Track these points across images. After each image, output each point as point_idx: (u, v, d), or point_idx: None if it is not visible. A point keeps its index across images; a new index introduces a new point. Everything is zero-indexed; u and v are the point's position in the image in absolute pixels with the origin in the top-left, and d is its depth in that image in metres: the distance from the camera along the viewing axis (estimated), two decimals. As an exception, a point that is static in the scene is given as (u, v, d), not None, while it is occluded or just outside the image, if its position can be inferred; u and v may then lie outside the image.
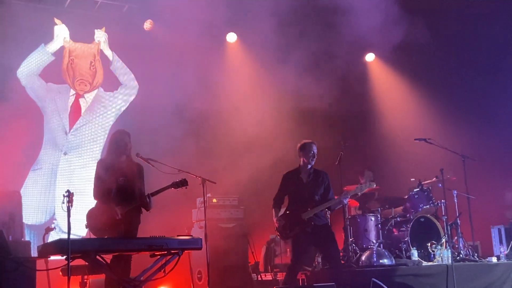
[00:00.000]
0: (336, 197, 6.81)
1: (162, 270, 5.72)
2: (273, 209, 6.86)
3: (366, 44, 10.85)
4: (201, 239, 5.99)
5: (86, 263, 5.62)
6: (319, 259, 7.92)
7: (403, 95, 11.68)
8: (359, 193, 7.58)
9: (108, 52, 9.96)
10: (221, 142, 9.27)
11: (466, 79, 11.09)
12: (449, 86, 11.25)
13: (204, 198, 7.05)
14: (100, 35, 9.91)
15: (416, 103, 11.42)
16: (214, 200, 8.53)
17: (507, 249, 8.73)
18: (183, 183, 6.26)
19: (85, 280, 6.12)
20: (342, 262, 7.76)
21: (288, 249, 8.65)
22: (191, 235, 6.39)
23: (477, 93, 10.94)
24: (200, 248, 5.94)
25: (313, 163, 6.81)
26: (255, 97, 9.96)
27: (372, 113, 11.81)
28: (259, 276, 8.60)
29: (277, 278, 8.11)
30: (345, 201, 6.90)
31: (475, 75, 10.90)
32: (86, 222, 6.12)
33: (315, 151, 6.80)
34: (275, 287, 6.07)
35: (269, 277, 8.56)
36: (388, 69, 11.74)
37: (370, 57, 11.79)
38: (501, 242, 8.93)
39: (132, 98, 10.06)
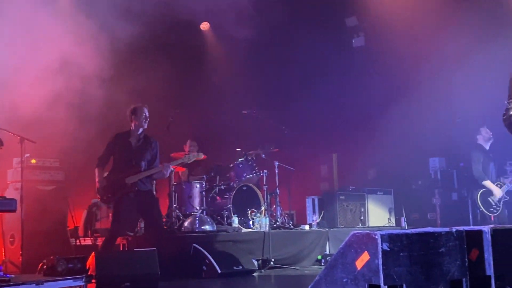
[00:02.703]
0: (160, 165, 6.81)
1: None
2: (96, 169, 6.68)
3: (202, 12, 10.86)
4: (16, 200, 5.62)
5: None
6: (142, 224, 7.88)
7: (234, 66, 11.93)
8: (188, 162, 7.65)
9: None
10: (44, 98, 8.70)
11: (292, 57, 11.62)
12: (276, 63, 11.71)
13: (21, 158, 6.64)
14: None
15: (245, 75, 11.73)
16: (33, 161, 8.05)
17: (319, 218, 9.40)
18: (-3, 142, 5.80)
19: None
20: (165, 227, 7.81)
21: (110, 214, 8.48)
22: (4, 196, 5.96)
23: (303, 70, 11.54)
24: (14, 210, 5.57)
25: (145, 126, 6.75)
26: (84, 57, 9.49)
27: (204, 81, 11.91)
28: (78, 241, 8.34)
29: (97, 243, 7.93)
30: (167, 173, 6.89)
31: (301, 52, 11.46)
32: None
33: (147, 114, 6.74)
34: (94, 252, 5.91)
35: (88, 241, 8.34)
36: (222, 39, 11.89)
37: (205, 26, 11.83)
38: (314, 212, 9.57)
39: None
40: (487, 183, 8.70)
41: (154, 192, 8.13)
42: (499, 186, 8.72)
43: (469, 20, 9.56)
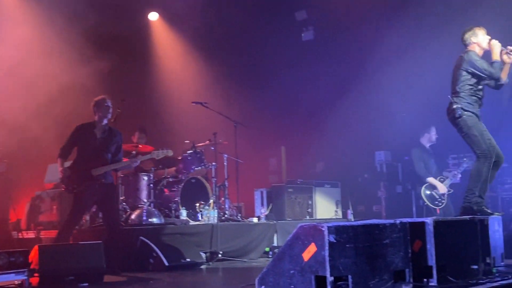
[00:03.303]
0: (125, 160, 6.85)
1: None
2: (59, 159, 6.62)
3: (150, 2, 10.72)
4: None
5: None
6: (87, 217, 7.74)
7: (183, 58, 11.84)
8: (157, 158, 7.62)
9: None
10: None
11: (242, 49, 11.62)
12: (227, 54, 11.69)
13: (-41, 149, 6.41)
14: None
15: (195, 67, 11.66)
16: (-27, 152, 7.80)
17: (267, 210, 9.44)
18: None
19: None
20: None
21: (54, 207, 8.32)
22: None
23: (253, 63, 11.55)
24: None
25: (109, 116, 6.73)
26: (28, 46, 9.22)
27: (153, 72, 11.77)
28: (20, 234, 8.12)
29: (41, 236, 7.75)
30: (134, 165, 6.95)
31: (251, 45, 11.47)
32: None
33: (110, 104, 6.75)
34: (37, 245, 5.76)
35: (31, 235, 8.13)
36: (171, 30, 11.77)
37: (153, 16, 11.67)
38: (262, 204, 9.60)
39: None
40: (431, 179, 8.93)
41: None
42: (441, 180, 8.96)
43: (415, 15, 9.78)
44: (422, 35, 9.73)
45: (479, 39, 6.18)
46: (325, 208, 9.92)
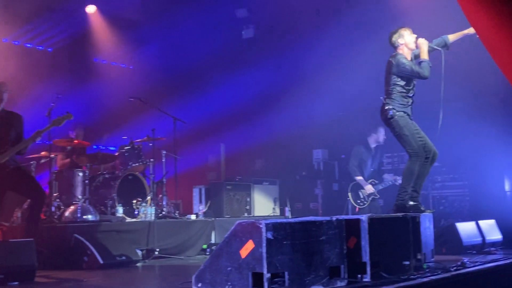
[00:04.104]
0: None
1: None
2: None
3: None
4: None
5: None
6: (19, 214, 7.49)
7: (123, 53, 11.64)
8: (59, 126, 7.24)
9: None
10: None
11: (181, 46, 11.53)
12: (166, 50, 11.58)
13: None
14: None
15: (134, 62, 11.49)
16: None
17: (205, 207, 9.42)
18: None
19: None
20: (44, 217, 7.47)
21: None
22: None
23: (192, 58, 11.49)
24: None
25: (2, 105, 6.45)
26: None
27: (90, 67, 11.51)
28: None
29: (-32, 234, 7.43)
30: (38, 140, 6.65)
31: (191, 40, 11.41)
32: None
33: (2, 89, 6.44)
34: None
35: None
36: (109, 24, 11.54)
37: (91, 9, 11.40)
38: (200, 201, 9.57)
39: None
40: (359, 178, 9.14)
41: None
42: (372, 183, 9.19)
43: (353, 17, 9.96)
44: (360, 36, 9.92)
45: (406, 40, 6.25)
46: (263, 205, 9.99)
